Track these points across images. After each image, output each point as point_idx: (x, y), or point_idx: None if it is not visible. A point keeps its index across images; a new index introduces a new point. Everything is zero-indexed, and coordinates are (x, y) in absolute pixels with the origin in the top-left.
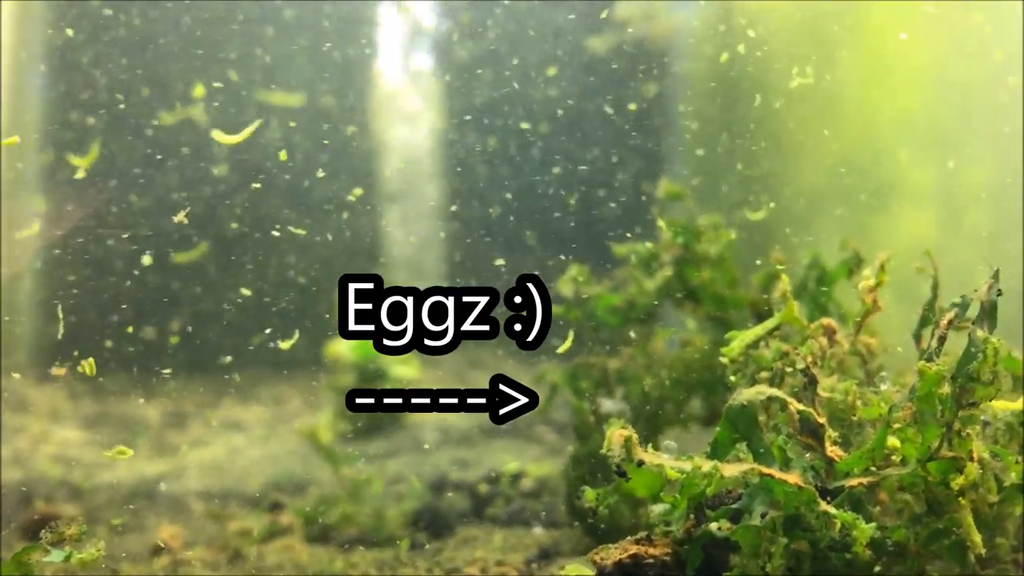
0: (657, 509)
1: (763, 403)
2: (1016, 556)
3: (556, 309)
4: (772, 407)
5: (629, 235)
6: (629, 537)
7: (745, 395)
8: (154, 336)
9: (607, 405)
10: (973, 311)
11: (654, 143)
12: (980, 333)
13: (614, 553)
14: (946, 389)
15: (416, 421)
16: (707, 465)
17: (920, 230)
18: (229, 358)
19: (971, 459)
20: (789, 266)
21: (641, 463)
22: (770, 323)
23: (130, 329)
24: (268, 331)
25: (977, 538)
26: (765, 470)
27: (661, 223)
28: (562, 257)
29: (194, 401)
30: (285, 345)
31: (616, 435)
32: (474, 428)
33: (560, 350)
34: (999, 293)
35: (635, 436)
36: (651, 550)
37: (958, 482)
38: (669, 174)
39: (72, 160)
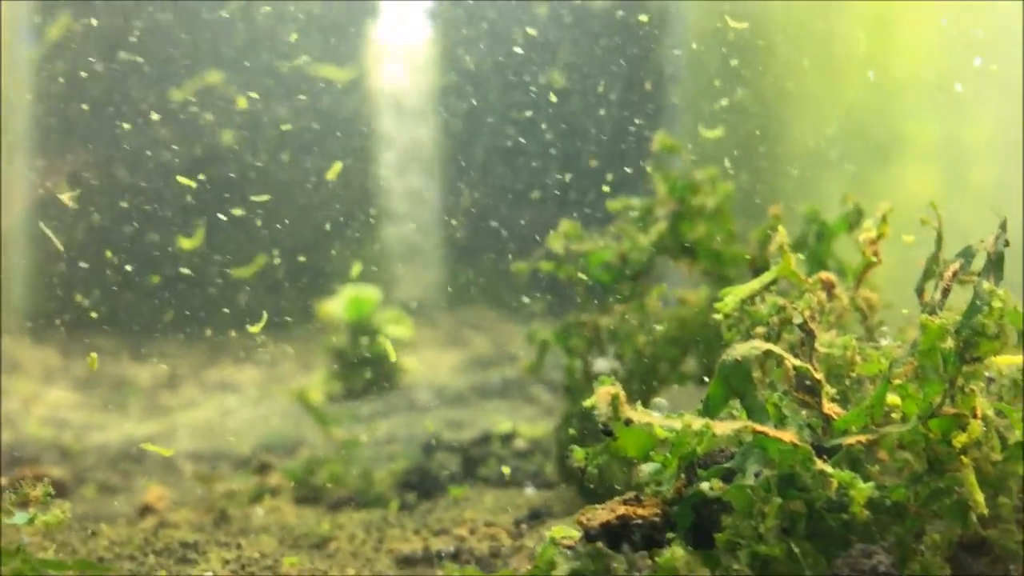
0: (647, 469)
1: (758, 359)
2: (1020, 516)
3: (545, 265)
4: (768, 363)
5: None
6: (617, 498)
7: (739, 350)
8: (149, 297)
9: (600, 364)
10: (979, 264)
11: (653, 102)
12: (986, 285)
13: (601, 514)
14: (949, 343)
15: (410, 381)
16: (698, 423)
17: (924, 186)
18: (224, 319)
19: (974, 416)
20: (788, 222)
21: (629, 421)
22: (766, 277)
23: (115, 280)
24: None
25: (980, 497)
26: (759, 427)
27: (656, 176)
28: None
29: (188, 363)
30: (255, 329)
31: (603, 392)
32: (468, 389)
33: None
34: (1006, 244)
35: (623, 393)
36: (639, 511)
37: (960, 440)
38: (669, 130)
39: (182, 243)
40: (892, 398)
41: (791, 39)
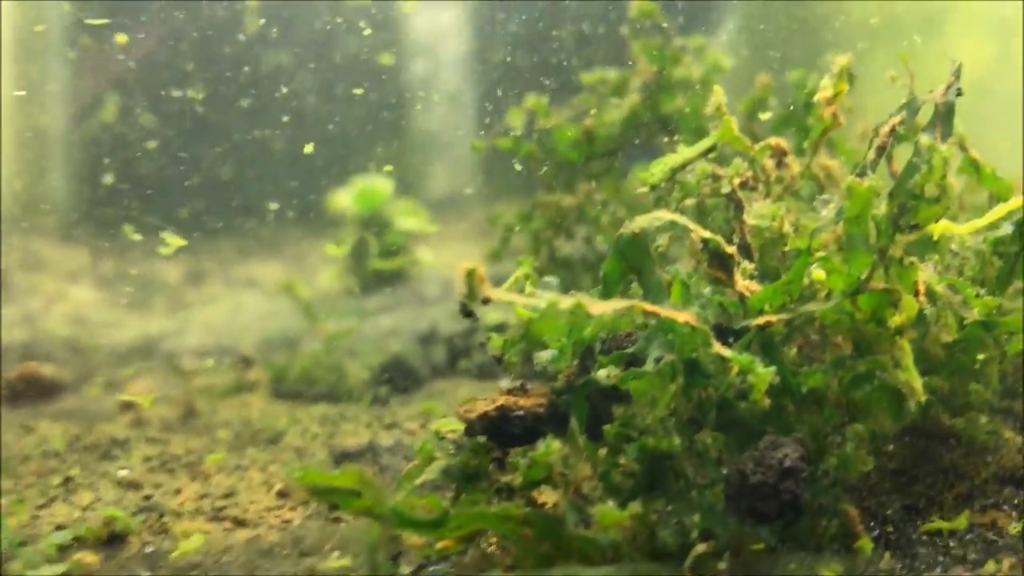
0: (544, 356)
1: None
2: (1003, 404)
3: (503, 143)
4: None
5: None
6: (504, 386)
7: (638, 222)
8: (182, 195)
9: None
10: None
11: None
12: (925, 140)
13: (480, 405)
14: (883, 209)
15: (422, 274)
16: (567, 302)
17: (975, 59)
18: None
19: (915, 292)
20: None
21: (487, 300)
22: (703, 144)
23: (148, 178)
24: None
25: (917, 383)
26: (648, 307)
27: (635, 44)
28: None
29: (217, 259)
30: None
31: (459, 268)
32: None
33: None
34: (959, 93)
35: (481, 271)
36: (521, 401)
37: (896, 319)
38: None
39: None
40: (818, 273)
41: None
